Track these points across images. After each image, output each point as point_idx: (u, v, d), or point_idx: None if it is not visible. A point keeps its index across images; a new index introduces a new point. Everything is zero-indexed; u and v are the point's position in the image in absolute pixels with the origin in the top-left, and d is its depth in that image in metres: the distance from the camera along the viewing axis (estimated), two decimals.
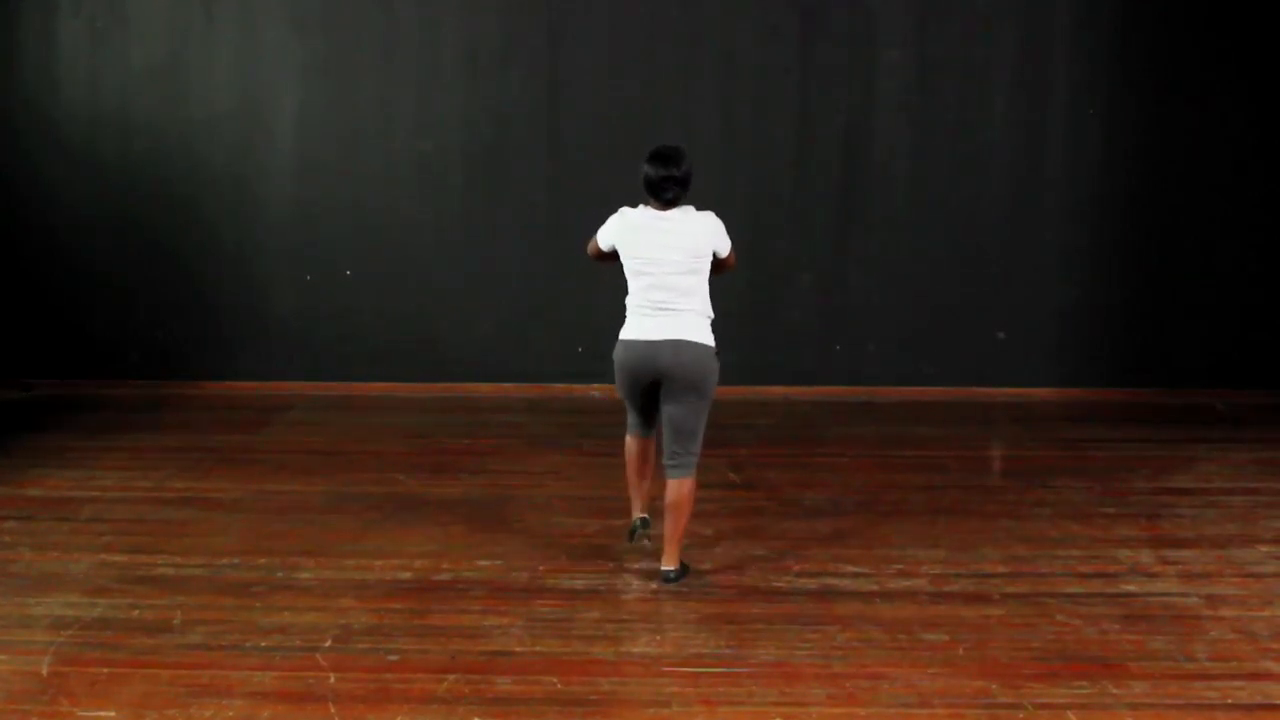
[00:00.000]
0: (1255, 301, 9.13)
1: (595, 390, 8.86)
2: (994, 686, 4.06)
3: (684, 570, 5.16)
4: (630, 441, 5.30)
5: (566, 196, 8.98)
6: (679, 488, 5.03)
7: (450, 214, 9.20)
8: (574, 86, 9.04)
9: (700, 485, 5.93)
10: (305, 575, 5.12)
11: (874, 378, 9.15)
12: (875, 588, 5.00)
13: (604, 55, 9.02)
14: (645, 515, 5.33)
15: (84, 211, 9.12)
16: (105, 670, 4.14)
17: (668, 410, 5.02)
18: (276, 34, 9.06)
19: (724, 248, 5.09)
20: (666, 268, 4.94)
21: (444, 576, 5.13)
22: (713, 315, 5.07)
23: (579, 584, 5.05)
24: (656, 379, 4.99)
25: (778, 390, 9.10)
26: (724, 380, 8.99)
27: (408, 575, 5.13)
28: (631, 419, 5.27)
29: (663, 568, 5.11)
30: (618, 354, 5.08)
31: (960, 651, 4.36)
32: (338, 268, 9.16)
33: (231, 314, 9.20)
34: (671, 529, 5.08)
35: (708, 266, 5.04)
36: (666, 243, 4.94)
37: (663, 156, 4.94)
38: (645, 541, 5.38)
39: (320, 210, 9.15)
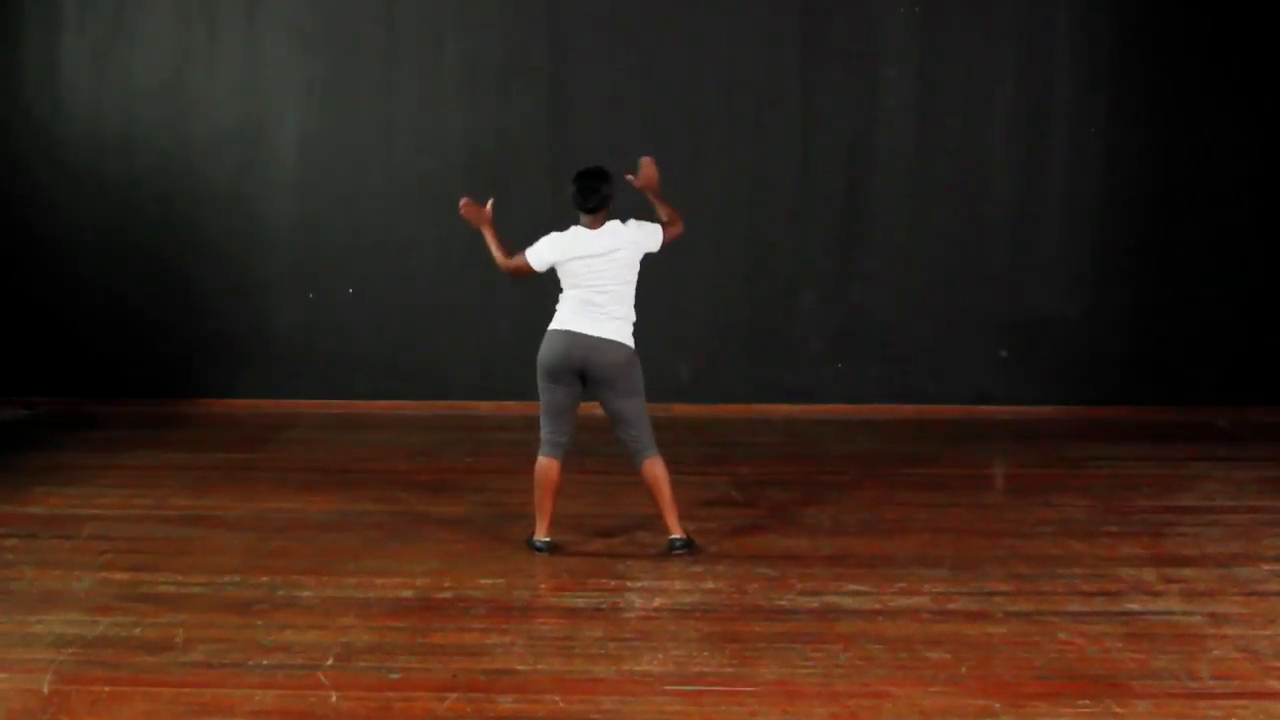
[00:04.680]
0: (1258, 319, 9.14)
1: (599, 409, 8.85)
2: (997, 705, 4.05)
3: (690, 542, 5.62)
4: (544, 464, 5.62)
5: (568, 214, 8.97)
6: (650, 468, 5.59)
7: (451, 232, 9.15)
8: (575, 105, 9.07)
9: (703, 503, 5.94)
10: (307, 593, 5.11)
11: (876, 396, 9.15)
12: (878, 606, 4.99)
13: (605, 73, 9.06)
14: (550, 539, 5.67)
15: (86, 229, 9.15)
16: (107, 689, 4.13)
17: (608, 410, 5.59)
18: (279, 52, 9.10)
19: (652, 239, 5.57)
20: (600, 279, 5.47)
21: (446, 595, 5.12)
22: (635, 318, 5.56)
23: (581, 602, 5.04)
24: (579, 372, 5.48)
25: (780, 408, 9.10)
26: (726, 398, 9.08)
27: (409, 593, 5.13)
28: (546, 432, 5.60)
29: (671, 536, 5.61)
30: (545, 344, 5.53)
31: (963, 670, 4.34)
32: (339, 286, 9.17)
33: (233, 332, 9.21)
34: (662, 502, 5.60)
35: (636, 274, 5.54)
36: (605, 261, 5.48)
37: (585, 174, 5.53)
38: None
39: (322, 228, 9.18)
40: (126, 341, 9.21)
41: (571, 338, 5.47)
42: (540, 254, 5.60)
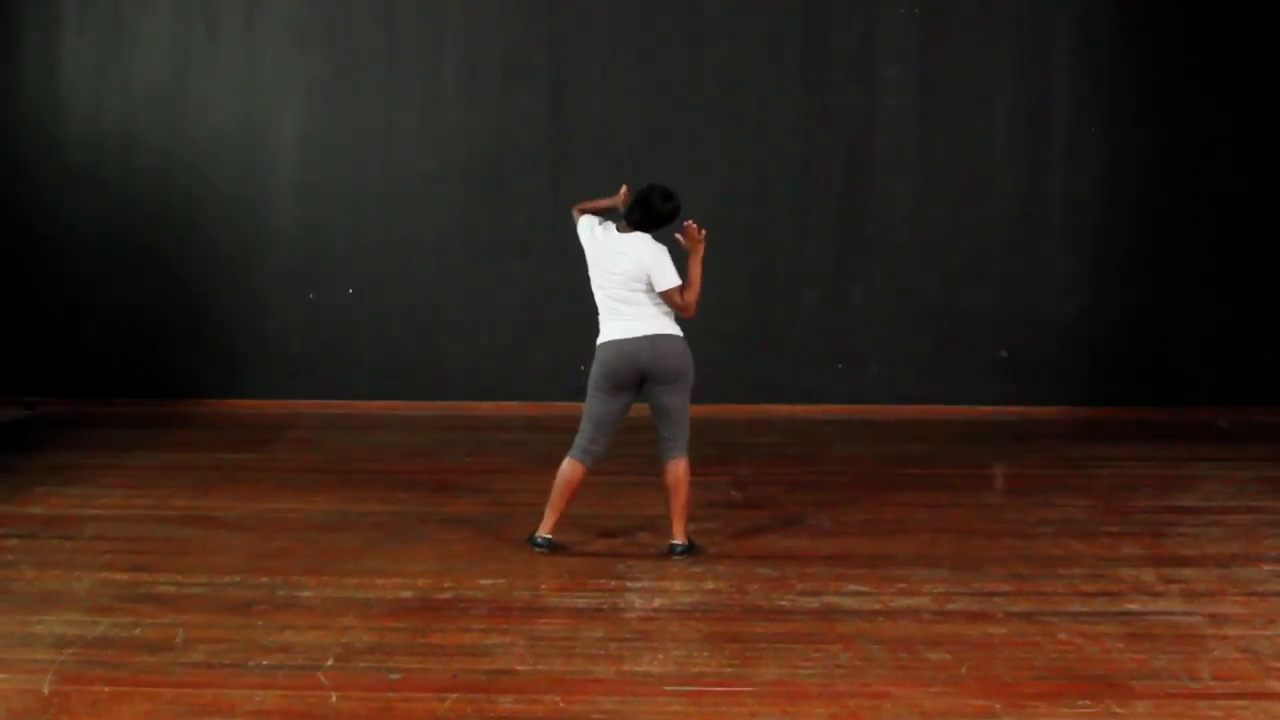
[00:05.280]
0: (1257, 319, 9.14)
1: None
2: (997, 705, 4.05)
3: (692, 546, 5.59)
4: (570, 467, 5.58)
5: (568, 214, 9.00)
6: (676, 468, 5.55)
7: (452, 232, 9.22)
8: (575, 105, 9.07)
9: (703, 503, 5.93)
10: (307, 594, 5.11)
11: (877, 396, 9.16)
12: (878, 606, 4.99)
13: (605, 74, 9.06)
14: (553, 538, 5.67)
15: (87, 230, 9.15)
16: (107, 689, 4.13)
17: (656, 403, 5.53)
18: (279, 53, 9.10)
19: (661, 279, 5.43)
20: (614, 283, 5.47)
21: (446, 595, 5.12)
22: (668, 309, 5.52)
23: (581, 603, 5.04)
24: (639, 376, 5.46)
25: (781, 409, 9.10)
26: (727, 398, 9.06)
27: (410, 594, 5.12)
28: (584, 438, 5.55)
29: (673, 542, 5.59)
30: (601, 355, 5.49)
31: (963, 670, 4.34)
32: (339, 286, 9.17)
33: (234, 332, 9.21)
34: (676, 506, 5.58)
35: (647, 287, 5.45)
36: (613, 266, 5.47)
37: (653, 191, 5.49)
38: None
39: (322, 229, 9.18)
40: (126, 342, 9.21)
41: (625, 345, 5.44)
42: (582, 228, 5.68)
